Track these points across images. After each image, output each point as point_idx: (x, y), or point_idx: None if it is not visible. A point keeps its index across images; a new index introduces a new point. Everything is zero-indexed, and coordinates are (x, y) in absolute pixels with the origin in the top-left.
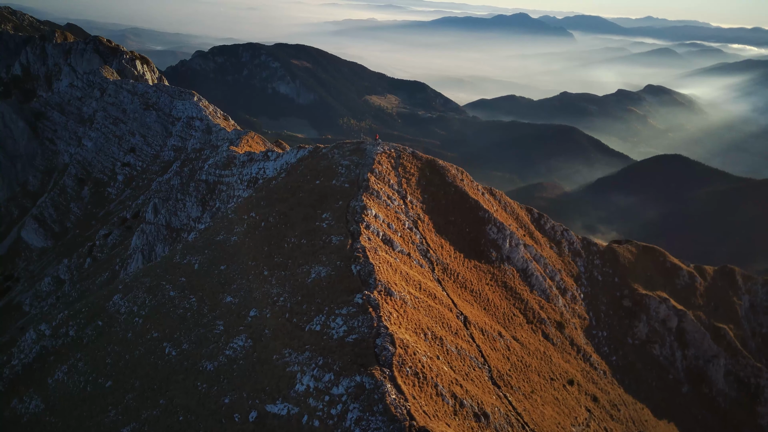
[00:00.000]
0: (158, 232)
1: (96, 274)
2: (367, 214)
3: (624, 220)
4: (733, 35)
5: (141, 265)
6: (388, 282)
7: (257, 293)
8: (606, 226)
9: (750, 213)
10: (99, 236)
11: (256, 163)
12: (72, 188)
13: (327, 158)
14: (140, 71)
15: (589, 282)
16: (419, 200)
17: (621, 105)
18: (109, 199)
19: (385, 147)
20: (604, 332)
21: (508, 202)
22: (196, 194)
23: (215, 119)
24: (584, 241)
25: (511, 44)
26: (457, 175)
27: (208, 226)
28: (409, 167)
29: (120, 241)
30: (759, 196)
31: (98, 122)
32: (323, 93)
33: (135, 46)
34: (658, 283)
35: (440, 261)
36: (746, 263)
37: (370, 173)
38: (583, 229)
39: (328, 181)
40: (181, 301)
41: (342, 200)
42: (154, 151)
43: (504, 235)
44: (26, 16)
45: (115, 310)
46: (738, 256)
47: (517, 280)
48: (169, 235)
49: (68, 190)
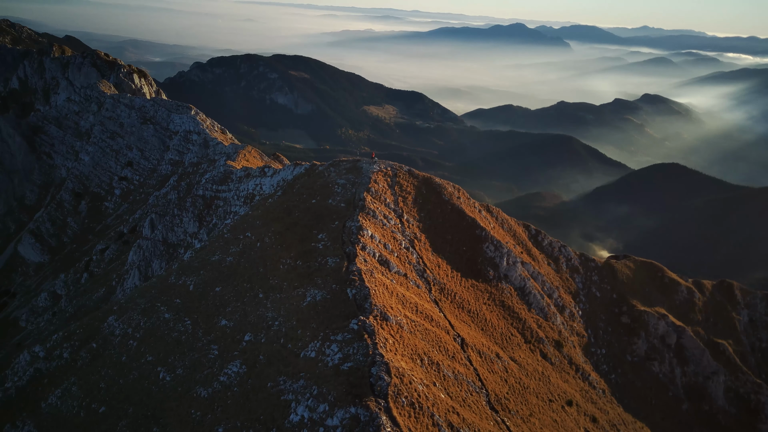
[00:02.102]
0: (155, 248)
1: (92, 290)
2: (363, 235)
3: (622, 229)
4: (729, 44)
5: (137, 281)
6: (384, 306)
7: (252, 317)
8: (603, 234)
9: (748, 221)
10: (96, 251)
11: (252, 179)
12: (69, 203)
13: (323, 177)
14: (138, 85)
15: (587, 298)
16: (416, 219)
17: (618, 114)
18: (107, 213)
19: (381, 165)
20: (602, 350)
21: (505, 218)
22: (193, 209)
23: (213, 133)
24: (582, 257)
25: (508, 54)
26: (454, 193)
27: (203, 245)
28: (405, 185)
29: (117, 256)
30: (757, 204)
31: (95, 136)
32: (321, 104)
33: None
34: (657, 299)
35: (437, 281)
36: (745, 272)
37: (366, 192)
38: (581, 238)
39: (324, 201)
40: (176, 324)
41: (338, 220)
42: (152, 165)
43: (501, 253)
44: (25, 29)
45: (110, 332)
46: (736, 264)
47: (515, 298)
48: (165, 250)
49: (65, 204)
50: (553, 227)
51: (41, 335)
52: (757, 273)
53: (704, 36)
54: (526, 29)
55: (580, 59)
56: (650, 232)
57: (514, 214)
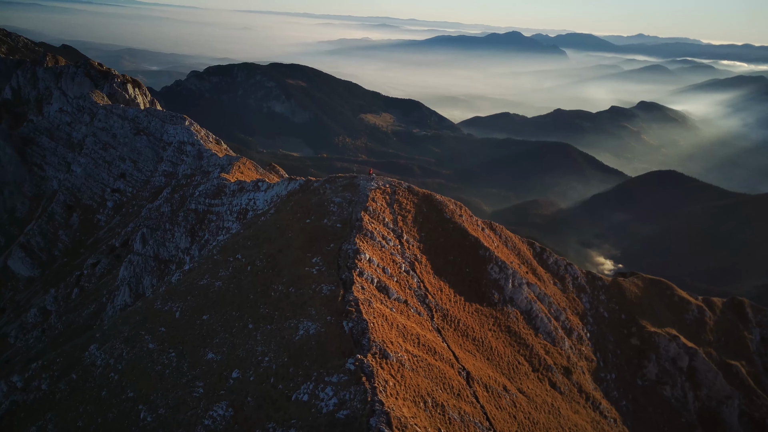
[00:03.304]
0: (146, 264)
1: (82, 306)
2: (361, 259)
3: (619, 236)
4: (724, 52)
5: (128, 298)
6: (383, 341)
7: (241, 350)
8: (601, 241)
9: (746, 228)
10: (87, 265)
11: (246, 193)
12: (60, 215)
13: (318, 194)
14: (132, 95)
15: (595, 320)
16: (416, 239)
17: (614, 121)
18: (99, 226)
19: (379, 182)
20: (612, 374)
21: (509, 236)
22: (185, 224)
23: (207, 143)
24: (588, 275)
25: (505, 62)
26: (456, 211)
27: (192, 267)
28: (404, 203)
29: (108, 270)
30: (754, 211)
31: (88, 147)
32: (318, 112)
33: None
34: (667, 318)
35: (439, 307)
36: (743, 279)
37: (364, 212)
38: (579, 246)
39: (319, 221)
40: (160, 356)
41: (334, 242)
42: (145, 176)
43: (506, 274)
44: (21, 38)
45: (91, 362)
46: (734, 271)
47: (521, 323)
48: (157, 266)
49: (56, 217)
50: (550, 235)
51: (29, 353)
52: (755, 280)
53: (699, 44)
54: (522, 37)
55: (576, 67)
56: (648, 240)
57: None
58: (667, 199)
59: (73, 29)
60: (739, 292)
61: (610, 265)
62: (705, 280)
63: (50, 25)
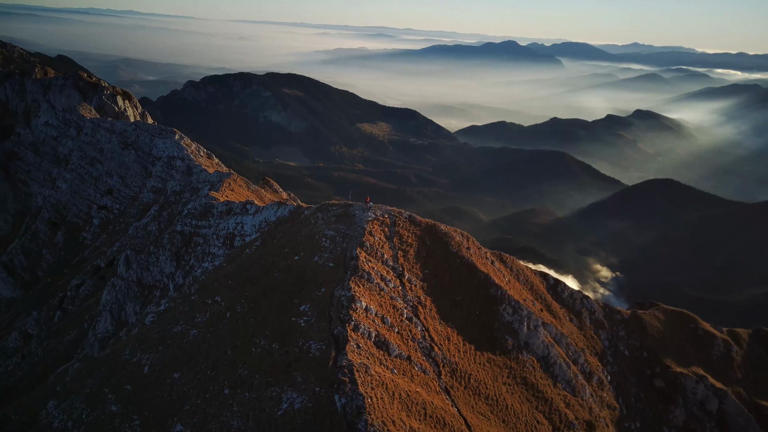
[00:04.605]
0: (128, 289)
1: (64, 331)
2: (356, 309)
3: (617, 245)
4: (719, 60)
5: (109, 326)
6: (383, 421)
7: (214, 424)
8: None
9: (743, 236)
10: (71, 286)
11: (234, 216)
12: (45, 233)
13: (309, 224)
14: (122, 107)
15: (615, 359)
16: (419, 277)
17: (610, 130)
18: (84, 244)
19: (377, 212)
20: (636, 423)
21: (521, 269)
22: (171, 247)
23: (197, 158)
24: (606, 308)
25: (500, 71)
26: (462, 243)
27: (168, 308)
28: (405, 236)
29: (93, 293)
30: (751, 219)
31: (74, 163)
32: (315, 121)
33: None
34: (691, 355)
35: (447, 360)
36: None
37: (360, 248)
38: (576, 254)
39: (308, 258)
40: (122, 423)
41: (325, 286)
42: (133, 192)
43: (521, 316)
44: (17, 49)
45: (48, 422)
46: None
47: (539, 372)
48: (140, 292)
49: (41, 235)
50: (547, 243)
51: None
52: (753, 289)
53: (694, 52)
54: (517, 46)
55: (571, 76)
56: (645, 248)
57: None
58: (663, 207)
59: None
60: (736, 301)
61: (607, 272)
62: (701, 289)
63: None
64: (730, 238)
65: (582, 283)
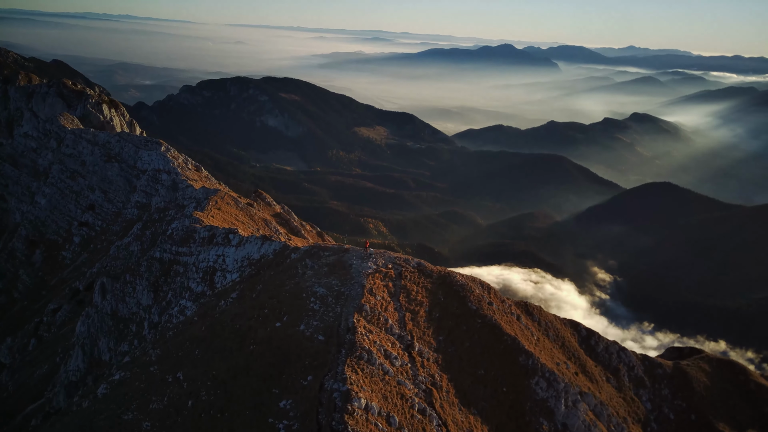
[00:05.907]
0: (102, 323)
1: (36, 363)
2: (353, 411)
3: (615, 248)
4: (715, 63)
5: (81, 363)
6: None
7: None
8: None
9: (742, 239)
10: (47, 311)
11: (215, 247)
12: (22, 252)
13: (296, 274)
14: (107, 116)
15: (659, 425)
16: (432, 347)
17: (608, 133)
18: (64, 264)
19: (379, 262)
20: None
21: (549, 320)
22: (148, 276)
23: (185, 171)
24: (646, 361)
25: (497, 75)
26: (483, 297)
27: (123, 377)
28: (414, 292)
29: (70, 319)
30: (750, 222)
31: (53, 176)
32: (312, 125)
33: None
34: (743, 413)
35: None
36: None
37: (358, 314)
38: (576, 258)
39: (293, 325)
40: None
41: (312, 372)
42: (116, 208)
43: (557, 391)
44: (11, 53)
45: None
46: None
47: None
48: (114, 326)
49: (17, 254)
50: (546, 247)
51: None
52: (752, 293)
53: (690, 55)
54: (514, 50)
55: (568, 79)
56: (643, 251)
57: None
58: (661, 211)
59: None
60: (736, 305)
61: (605, 275)
62: (700, 292)
63: (43, 40)
64: (728, 241)
65: (580, 286)
